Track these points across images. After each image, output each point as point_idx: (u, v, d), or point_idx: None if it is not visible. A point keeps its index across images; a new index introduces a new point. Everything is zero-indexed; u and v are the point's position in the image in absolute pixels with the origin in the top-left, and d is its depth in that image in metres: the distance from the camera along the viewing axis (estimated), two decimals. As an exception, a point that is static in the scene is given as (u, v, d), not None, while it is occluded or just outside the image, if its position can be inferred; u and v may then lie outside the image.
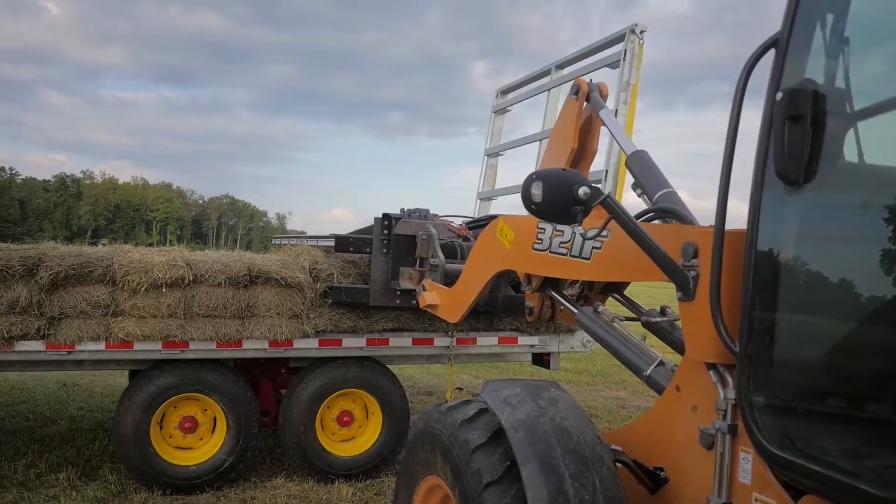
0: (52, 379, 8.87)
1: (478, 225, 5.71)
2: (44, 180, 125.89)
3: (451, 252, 5.02)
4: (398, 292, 5.22)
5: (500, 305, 5.33)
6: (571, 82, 7.33)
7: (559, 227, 3.22)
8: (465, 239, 5.33)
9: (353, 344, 5.50)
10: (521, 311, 5.61)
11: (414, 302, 5.08)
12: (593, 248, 3.03)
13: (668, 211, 3.22)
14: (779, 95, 1.95)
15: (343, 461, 5.58)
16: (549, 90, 7.38)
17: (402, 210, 5.47)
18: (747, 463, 2.26)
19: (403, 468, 3.17)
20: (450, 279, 4.70)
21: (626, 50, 6.24)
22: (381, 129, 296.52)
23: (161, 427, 5.23)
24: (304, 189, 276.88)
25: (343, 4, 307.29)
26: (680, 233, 2.60)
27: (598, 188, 2.61)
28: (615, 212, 2.58)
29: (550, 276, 3.51)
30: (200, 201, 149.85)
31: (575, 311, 3.42)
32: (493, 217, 6.01)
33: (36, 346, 4.76)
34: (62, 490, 5.01)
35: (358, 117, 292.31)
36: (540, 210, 2.59)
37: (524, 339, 6.06)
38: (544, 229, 3.35)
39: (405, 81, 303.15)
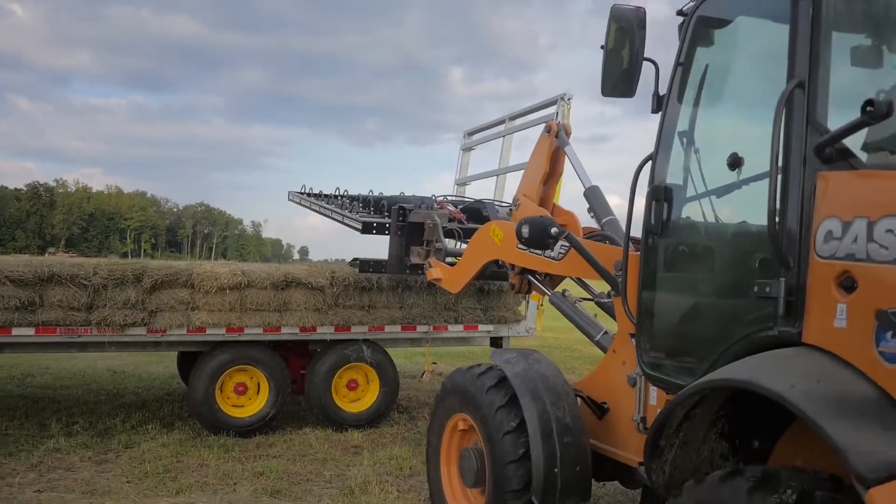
0: (104, 367, 10.84)
1: (467, 208, 7.28)
2: (15, 189, 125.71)
3: (450, 234, 6.57)
4: (408, 266, 6.94)
5: (489, 275, 6.53)
6: (519, 123, 9.47)
7: None
8: (460, 222, 6.86)
9: (359, 330, 7.59)
10: (504, 280, 6.95)
11: (421, 272, 6.77)
12: (560, 252, 4.68)
13: (608, 237, 4.83)
14: (649, 189, 3.50)
15: (353, 415, 7.64)
16: (503, 136, 9.56)
17: (402, 193, 7.34)
18: (654, 392, 3.64)
19: (434, 416, 4.78)
20: (451, 259, 6.41)
21: (557, 112, 8.43)
22: (357, 135, 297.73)
23: (221, 391, 7.25)
24: (279, 196, 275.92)
25: (317, 8, 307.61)
26: (613, 253, 4.22)
27: (563, 228, 4.39)
28: (574, 243, 4.38)
29: (528, 267, 5.20)
30: (175, 209, 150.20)
31: (549, 294, 5.19)
32: (479, 201, 7.52)
33: (140, 331, 6.79)
34: (154, 435, 7.02)
35: (334, 123, 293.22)
36: (527, 242, 4.45)
37: (483, 327, 8.19)
38: None
39: (382, 87, 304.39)
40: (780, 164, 2.74)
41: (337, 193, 9.37)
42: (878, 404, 2.29)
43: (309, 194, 10.21)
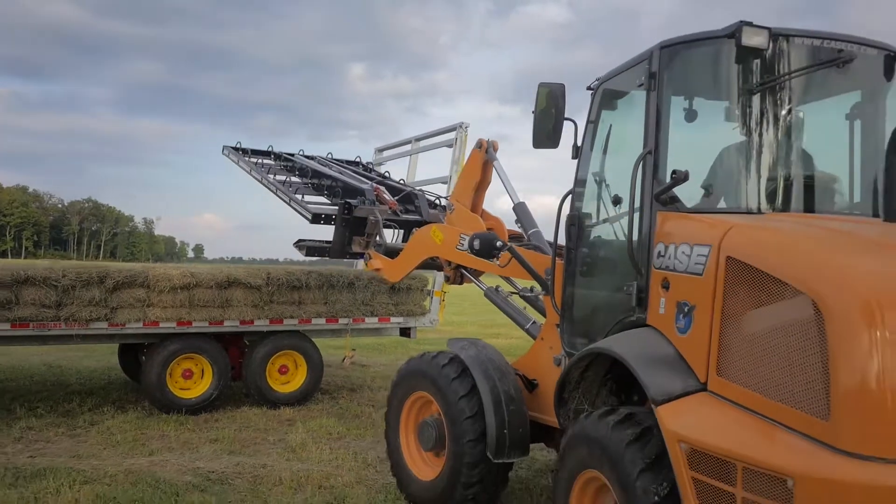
0: (38, 362, 11.62)
1: (402, 196, 8.51)
2: None
3: (387, 226, 7.68)
4: (349, 253, 8.07)
5: (423, 265, 7.40)
6: (423, 144, 10.97)
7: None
8: (395, 213, 7.93)
9: (290, 322, 8.94)
10: (438, 269, 7.94)
11: (360, 258, 7.97)
12: (497, 257, 5.64)
13: (537, 246, 5.76)
14: (568, 215, 4.61)
15: (284, 395, 8.97)
16: (410, 155, 11.10)
17: (329, 154, 8.92)
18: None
19: (394, 392, 5.68)
20: (389, 252, 7.47)
21: (456, 138, 10.07)
22: (255, 130, 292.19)
23: (171, 376, 8.42)
24: (172, 193, 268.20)
25: None
26: (543, 260, 5.23)
27: (505, 242, 5.44)
28: (515, 254, 5.33)
29: (465, 265, 6.36)
30: (60, 205, 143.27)
31: (484, 288, 6.21)
32: (412, 191, 8.73)
33: (102, 325, 7.90)
34: (113, 415, 8.13)
35: (230, 118, 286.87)
36: (478, 252, 5.55)
37: (394, 319, 9.70)
38: (465, 239, 5.95)
39: (280, 82, 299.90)
40: (636, 205, 3.93)
41: (270, 150, 10.24)
42: (672, 358, 3.53)
43: (245, 151, 10.64)
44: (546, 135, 4.57)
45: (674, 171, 3.74)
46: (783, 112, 3.91)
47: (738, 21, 3.71)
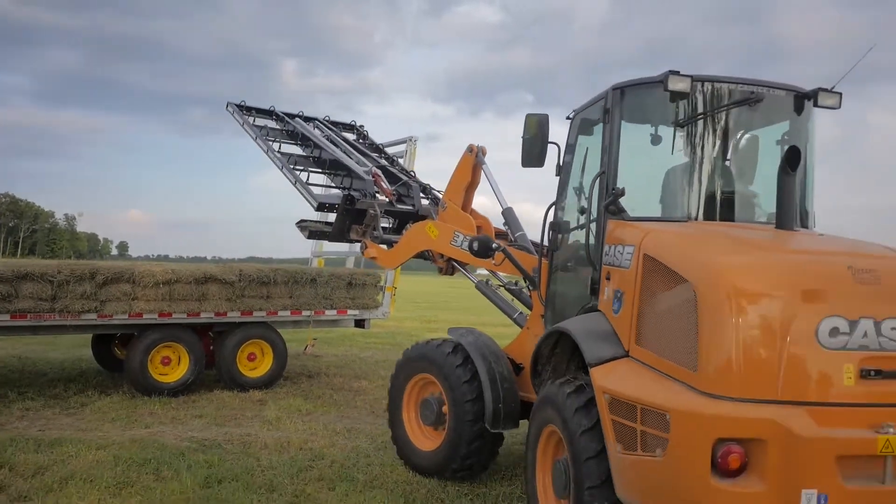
0: (6, 355, 12.25)
1: (400, 183, 9.35)
2: None
3: (384, 216, 8.58)
4: (348, 238, 8.97)
5: (415, 256, 8.05)
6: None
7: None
8: (391, 204, 8.80)
9: (259, 314, 9.99)
10: (424, 258, 8.14)
11: (359, 248, 8.85)
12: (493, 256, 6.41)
13: (524, 247, 6.51)
14: (550, 222, 5.38)
15: (253, 380, 10.01)
16: (363, 164, 12.20)
17: (327, 117, 10.06)
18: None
19: (398, 373, 6.46)
20: (384, 243, 8.35)
21: (407, 149, 11.28)
22: (181, 125, 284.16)
23: (151, 363, 9.35)
24: (96, 188, 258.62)
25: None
26: (531, 260, 6.04)
27: (499, 243, 6.23)
28: (508, 255, 6.08)
29: (460, 260, 7.07)
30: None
31: (475, 281, 7.03)
32: (408, 181, 9.53)
33: (92, 316, 8.79)
34: (99, 397, 9.01)
35: (155, 111, 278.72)
36: (476, 253, 6.33)
37: (351, 311, 10.86)
38: (459, 236, 6.90)
39: (210, 75, 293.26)
40: (592, 214, 4.85)
41: (272, 109, 10.97)
42: (608, 333, 4.41)
43: (249, 109, 10.93)
44: (534, 156, 5.32)
45: (613, 188, 4.73)
46: (711, 140, 4.75)
47: (667, 70, 4.62)
